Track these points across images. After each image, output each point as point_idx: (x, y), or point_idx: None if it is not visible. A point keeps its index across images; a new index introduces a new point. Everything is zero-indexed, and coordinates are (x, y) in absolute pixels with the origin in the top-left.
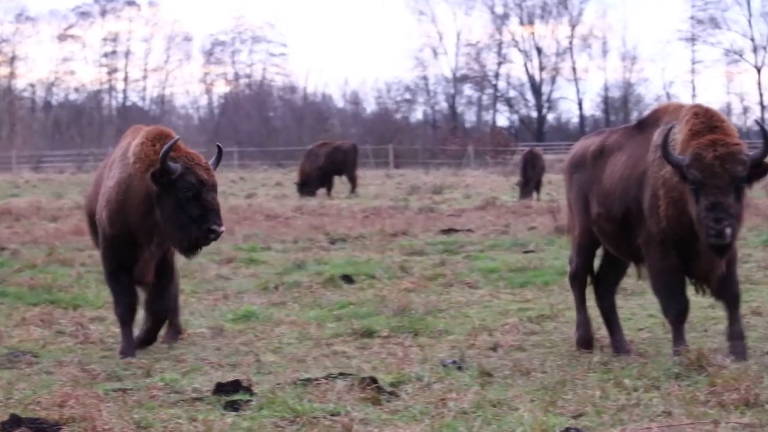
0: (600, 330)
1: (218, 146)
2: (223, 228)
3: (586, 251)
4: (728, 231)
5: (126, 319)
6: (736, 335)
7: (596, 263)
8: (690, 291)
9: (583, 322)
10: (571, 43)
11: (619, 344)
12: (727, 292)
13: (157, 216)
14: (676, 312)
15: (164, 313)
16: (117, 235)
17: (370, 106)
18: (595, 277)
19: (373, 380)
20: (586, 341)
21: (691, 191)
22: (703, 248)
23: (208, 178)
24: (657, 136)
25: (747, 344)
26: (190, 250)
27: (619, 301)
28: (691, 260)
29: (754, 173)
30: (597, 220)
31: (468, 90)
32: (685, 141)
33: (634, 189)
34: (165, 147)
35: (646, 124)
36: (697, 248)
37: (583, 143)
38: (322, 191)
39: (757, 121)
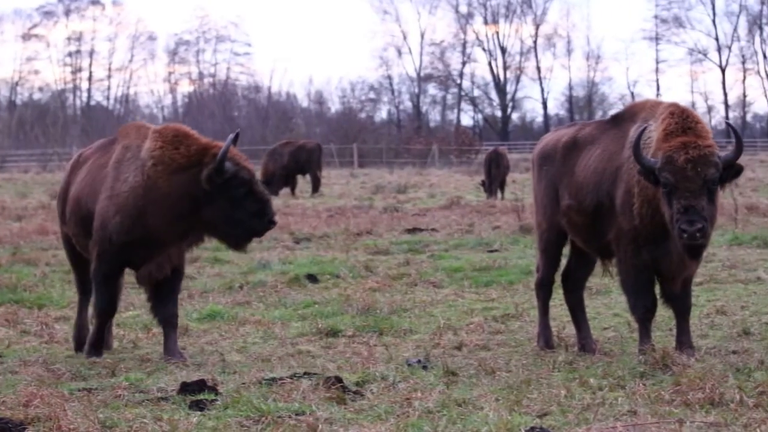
0: (566, 329)
1: (236, 133)
2: (278, 217)
3: (552, 248)
4: (701, 233)
5: (107, 317)
6: (685, 345)
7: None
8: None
9: (544, 333)
10: (535, 42)
11: (585, 341)
12: (680, 302)
13: (207, 215)
14: (643, 310)
15: (176, 317)
16: (131, 241)
17: (334, 106)
18: (563, 272)
19: (338, 379)
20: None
21: (663, 193)
22: (676, 250)
23: (253, 170)
24: (632, 134)
25: (695, 354)
26: (245, 244)
27: (585, 300)
28: (662, 259)
29: (727, 175)
30: (567, 212)
31: (432, 89)
32: (659, 140)
33: (607, 183)
34: (223, 148)
35: (622, 119)
36: (668, 247)
37: (553, 135)
38: (285, 191)
39: (728, 123)
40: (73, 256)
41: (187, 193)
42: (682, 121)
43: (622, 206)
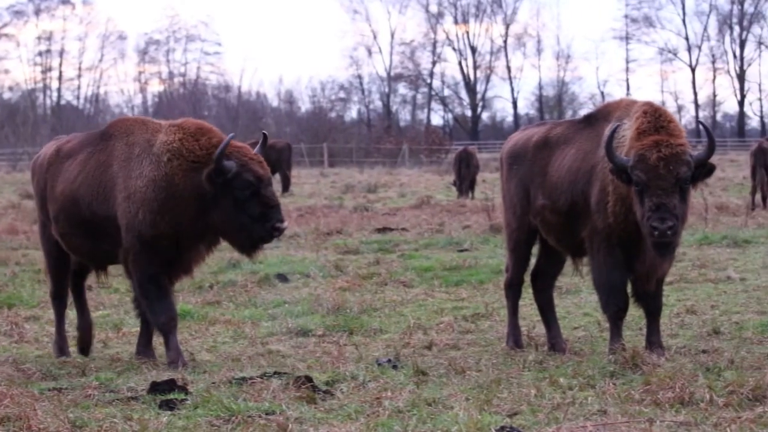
0: (536, 328)
1: (264, 134)
2: (286, 224)
3: (521, 248)
4: (672, 231)
5: (171, 327)
6: (655, 345)
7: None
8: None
9: (513, 332)
10: (505, 41)
11: (555, 341)
12: (652, 301)
13: (214, 217)
14: (615, 308)
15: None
16: (158, 235)
17: (304, 105)
18: (532, 271)
19: (308, 379)
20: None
21: (635, 192)
22: (650, 249)
23: (264, 172)
24: (606, 132)
25: (665, 353)
26: (253, 250)
27: (555, 299)
28: (636, 258)
29: (699, 174)
30: (541, 212)
31: (402, 89)
32: (632, 139)
33: (582, 182)
34: (221, 146)
35: (596, 119)
36: (641, 246)
37: (522, 134)
38: None
39: (701, 122)
40: (54, 259)
41: (198, 193)
42: (655, 120)
43: (597, 205)
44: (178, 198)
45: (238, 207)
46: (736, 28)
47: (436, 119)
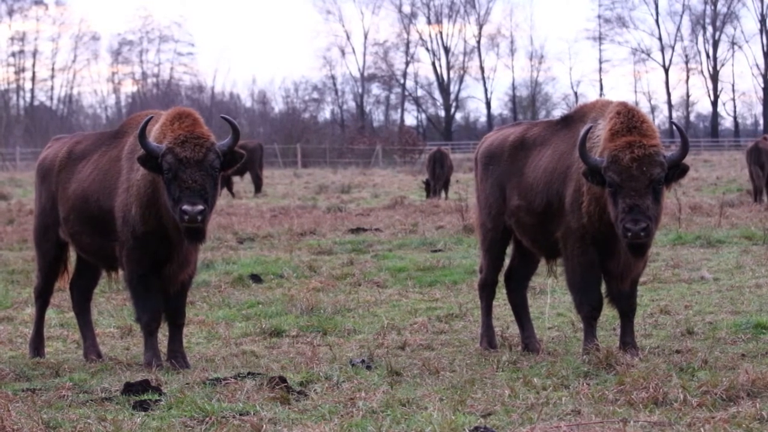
0: (510, 329)
1: (231, 122)
2: (196, 208)
3: (496, 248)
4: (645, 233)
5: (153, 328)
6: (629, 345)
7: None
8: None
9: (487, 333)
10: (478, 42)
11: (528, 341)
12: (626, 302)
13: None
14: (589, 308)
15: (183, 317)
16: (149, 231)
17: (278, 106)
18: (506, 272)
19: (282, 380)
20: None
21: (609, 193)
22: (624, 249)
23: (191, 154)
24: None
25: (638, 354)
26: (185, 234)
27: (528, 299)
28: (610, 258)
29: (672, 174)
30: (516, 212)
31: (376, 89)
32: (605, 140)
33: (557, 183)
34: (140, 126)
35: (572, 120)
36: (616, 246)
37: (498, 134)
38: (224, 191)
39: (674, 123)
40: (51, 259)
41: None
42: (628, 120)
43: (571, 205)
44: (162, 190)
45: (167, 190)
46: (709, 29)
47: (410, 119)
